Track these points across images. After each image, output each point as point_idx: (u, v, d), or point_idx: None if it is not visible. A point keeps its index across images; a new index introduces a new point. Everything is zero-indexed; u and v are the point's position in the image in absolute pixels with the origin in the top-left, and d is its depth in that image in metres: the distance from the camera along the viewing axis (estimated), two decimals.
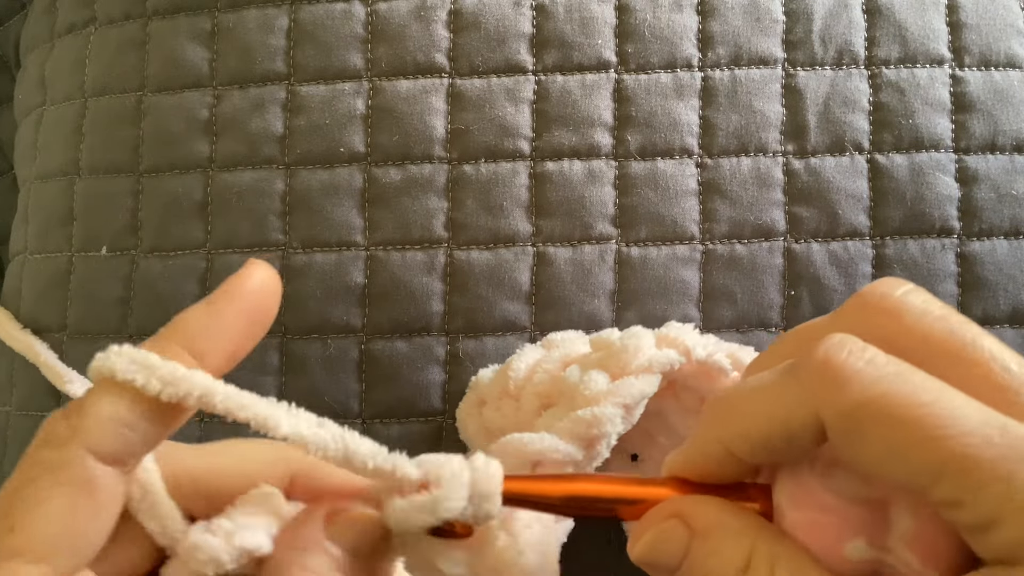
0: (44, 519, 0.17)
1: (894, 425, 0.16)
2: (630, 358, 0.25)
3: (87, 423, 0.17)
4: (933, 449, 0.15)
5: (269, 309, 0.20)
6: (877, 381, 0.16)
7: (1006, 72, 0.34)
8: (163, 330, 0.19)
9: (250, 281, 0.20)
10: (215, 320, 0.19)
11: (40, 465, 0.17)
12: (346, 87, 0.34)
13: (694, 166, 0.33)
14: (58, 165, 0.36)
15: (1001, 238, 0.33)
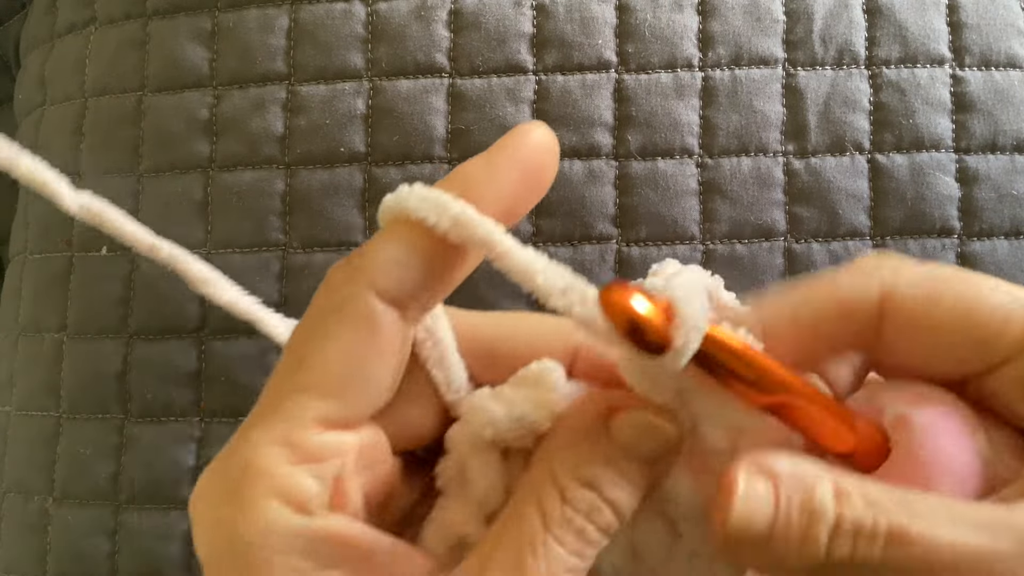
0: (332, 355, 0.17)
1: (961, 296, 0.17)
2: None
3: (367, 262, 0.17)
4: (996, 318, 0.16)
5: (548, 167, 0.19)
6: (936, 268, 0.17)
7: (1006, 72, 0.34)
8: (443, 180, 0.19)
9: (529, 137, 0.19)
10: (495, 172, 0.19)
11: (325, 307, 0.18)
12: (346, 87, 0.34)
13: (694, 166, 0.33)
14: (58, 165, 0.36)
15: (1001, 238, 0.33)
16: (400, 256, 0.17)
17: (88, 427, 0.34)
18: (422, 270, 0.18)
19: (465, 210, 0.17)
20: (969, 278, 0.18)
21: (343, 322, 0.17)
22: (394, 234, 0.18)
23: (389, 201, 0.18)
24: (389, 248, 0.18)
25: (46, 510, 0.34)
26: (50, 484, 0.34)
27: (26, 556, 0.34)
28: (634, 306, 0.16)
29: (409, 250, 0.18)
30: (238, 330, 0.33)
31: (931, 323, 0.17)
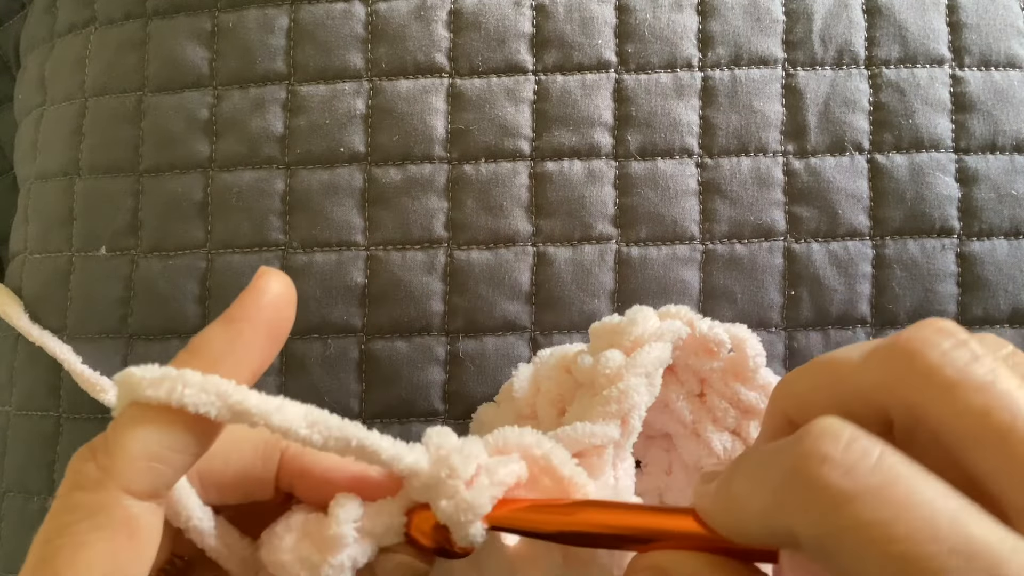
0: (87, 567, 0.16)
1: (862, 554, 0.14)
2: (639, 330, 0.25)
3: (118, 463, 0.17)
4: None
5: (287, 320, 0.20)
6: (851, 501, 0.14)
7: (1006, 72, 0.34)
8: (183, 354, 0.19)
9: (266, 296, 0.19)
10: (237, 340, 0.19)
11: (77, 510, 0.17)
12: (346, 87, 0.34)
13: (694, 166, 0.33)
14: (58, 165, 0.36)
15: (1001, 238, 0.33)
16: (148, 450, 0.17)
17: (88, 427, 0.34)
18: (172, 459, 0.17)
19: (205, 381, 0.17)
20: None
21: (98, 529, 0.17)
22: (139, 423, 0.17)
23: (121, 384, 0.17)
24: (136, 443, 0.17)
25: (46, 510, 0.34)
26: (50, 484, 0.34)
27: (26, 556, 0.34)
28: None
29: (157, 440, 0.17)
30: None
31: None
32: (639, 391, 0.24)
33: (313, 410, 0.18)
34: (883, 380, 0.15)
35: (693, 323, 0.26)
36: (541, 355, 0.30)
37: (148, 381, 0.17)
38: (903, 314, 0.32)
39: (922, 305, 0.33)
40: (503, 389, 0.30)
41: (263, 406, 0.18)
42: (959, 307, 0.33)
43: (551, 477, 0.20)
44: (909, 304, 0.33)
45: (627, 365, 0.24)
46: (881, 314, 0.33)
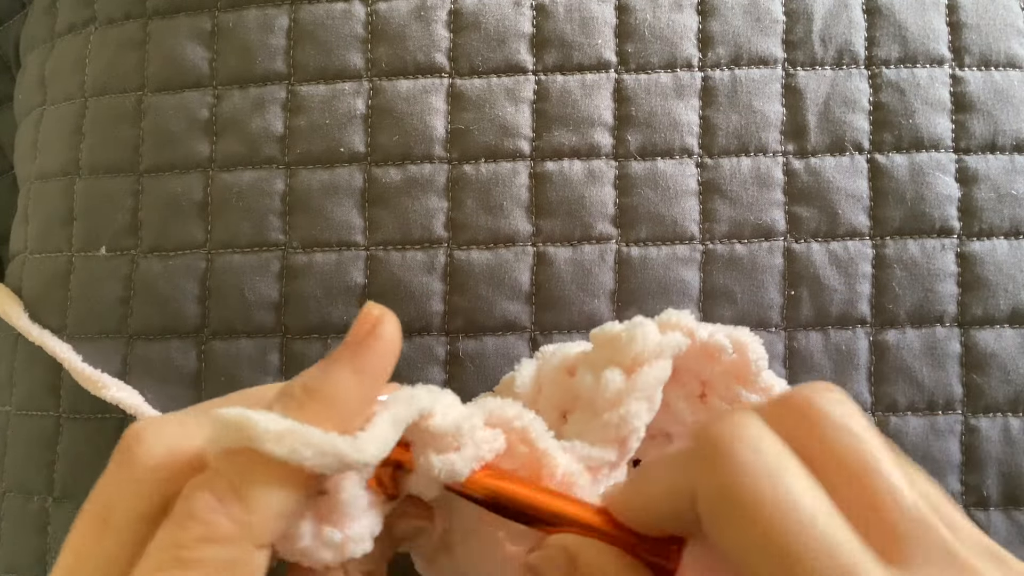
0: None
1: (755, 520, 0.16)
2: (639, 347, 0.25)
3: (258, 522, 0.17)
4: (785, 562, 0.15)
5: (396, 358, 0.21)
6: (756, 473, 0.16)
7: (1006, 72, 0.34)
8: (308, 399, 0.19)
9: (391, 345, 0.20)
10: (370, 397, 0.20)
11: (211, 565, 0.17)
12: (346, 87, 0.34)
13: (694, 166, 0.33)
14: (58, 165, 0.36)
15: (1001, 238, 0.33)
16: (283, 508, 0.18)
17: (88, 427, 0.34)
18: (299, 513, 0.18)
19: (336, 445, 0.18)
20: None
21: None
22: (278, 484, 0.18)
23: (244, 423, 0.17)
24: (276, 503, 0.17)
25: (46, 510, 0.34)
26: (50, 484, 0.34)
27: (26, 556, 0.34)
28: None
29: (294, 501, 0.18)
30: (238, 330, 0.33)
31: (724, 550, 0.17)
32: (640, 416, 0.24)
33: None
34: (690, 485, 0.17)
35: (693, 333, 0.26)
36: (544, 351, 0.29)
37: (273, 435, 0.17)
38: (903, 314, 0.32)
39: (922, 305, 0.33)
40: (503, 381, 0.30)
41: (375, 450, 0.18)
42: (959, 307, 0.33)
43: (528, 447, 0.22)
44: (909, 304, 0.33)
45: (627, 389, 0.24)
46: (881, 314, 0.33)
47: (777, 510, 0.16)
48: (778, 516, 0.16)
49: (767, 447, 0.16)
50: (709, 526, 0.17)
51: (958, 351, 0.32)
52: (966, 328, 0.33)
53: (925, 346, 0.32)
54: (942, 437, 0.32)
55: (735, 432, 0.17)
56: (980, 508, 0.32)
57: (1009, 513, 0.32)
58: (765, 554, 0.15)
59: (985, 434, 0.32)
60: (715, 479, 0.16)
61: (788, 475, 0.16)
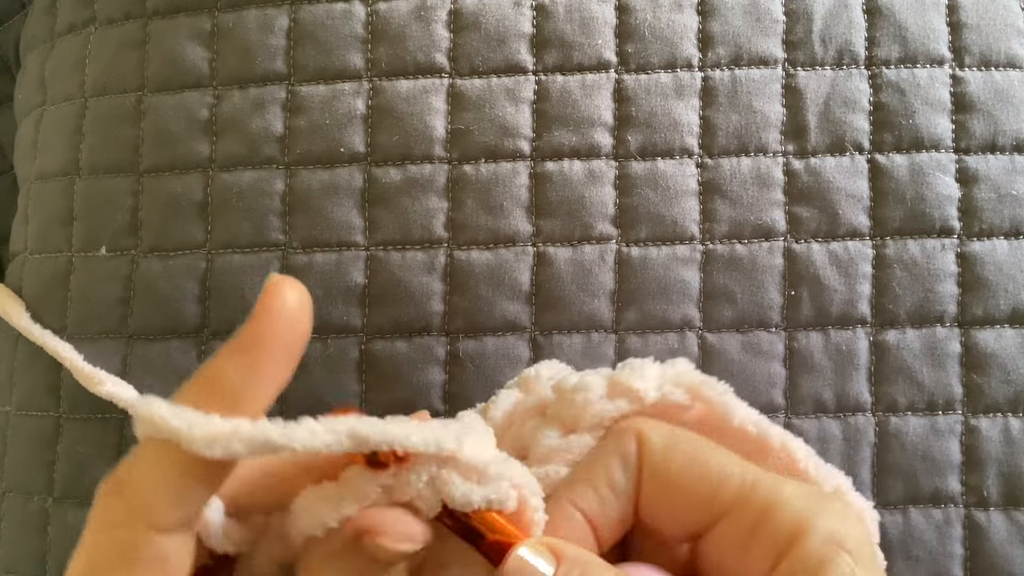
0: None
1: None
2: (579, 412, 0.24)
3: (145, 501, 0.17)
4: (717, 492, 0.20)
5: (303, 334, 0.19)
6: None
7: (1006, 72, 0.34)
8: (195, 391, 0.18)
9: (279, 315, 0.19)
10: (252, 374, 0.18)
11: (107, 549, 0.17)
12: (346, 87, 0.34)
13: (694, 166, 0.33)
14: (58, 165, 0.36)
15: (1001, 238, 0.33)
16: (177, 486, 0.17)
17: (88, 427, 0.34)
18: (199, 492, 0.18)
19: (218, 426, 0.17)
20: (702, 441, 0.21)
21: (131, 568, 0.17)
22: (165, 461, 0.17)
23: (146, 416, 0.17)
24: (161, 480, 0.17)
25: (46, 510, 0.34)
26: (50, 484, 0.34)
27: (26, 556, 0.34)
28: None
29: (184, 477, 0.17)
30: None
31: (668, 472, 0.21)
32: (560, 474, 0.24)
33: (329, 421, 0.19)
34: None
35: (642, 400, 0.25)
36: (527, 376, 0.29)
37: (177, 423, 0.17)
38: (903, 314, 0.32)
39: (922, 305, 0.33)
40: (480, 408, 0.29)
41: (288, 435, 0.18)
42: (959, 307, 0.33)
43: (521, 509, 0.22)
44: (909, 304, 0.33)
45: (558, 449, 0.24)
46: (881, 314, 0.33)
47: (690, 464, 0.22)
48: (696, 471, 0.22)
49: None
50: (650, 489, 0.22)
51: (958, 351, 0.32)
52: (966, 328, 0.33)
53: (925, 346, 0.32)
54: (942, 437, 0.32)
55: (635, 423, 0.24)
56: (980, 508, 0.32)
57: (1009, 513, 0.32)
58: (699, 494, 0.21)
59: (985, 434, 0.32)
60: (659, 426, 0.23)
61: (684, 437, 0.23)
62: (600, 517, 0.22)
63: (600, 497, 0.21)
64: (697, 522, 0.21)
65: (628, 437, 0.22)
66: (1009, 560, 0.31)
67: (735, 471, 0.21)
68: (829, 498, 0.20)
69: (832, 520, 0.19)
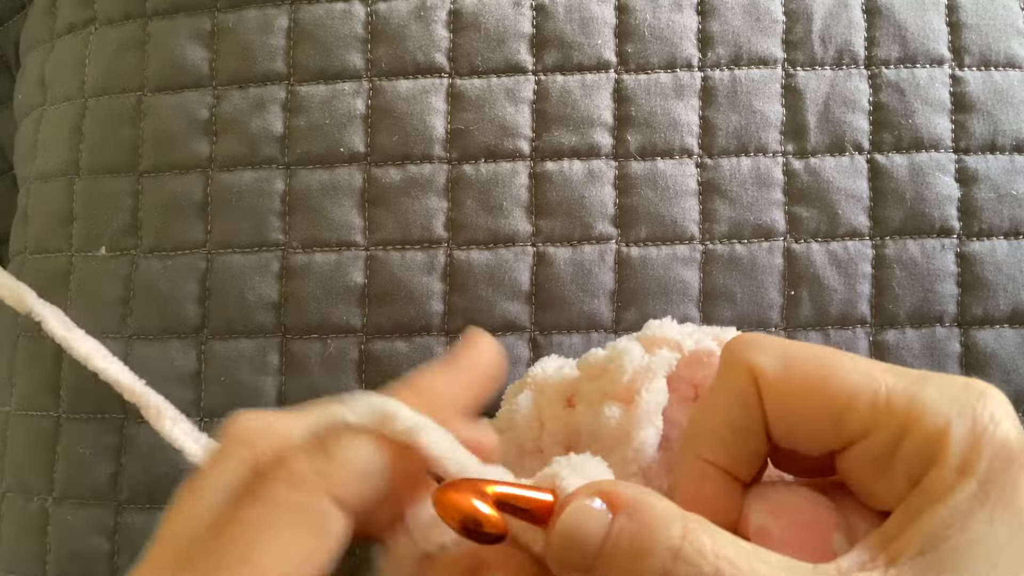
0: (280, 559, 0.17)
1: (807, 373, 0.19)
2: (629, 375, 0.24)
3: (336, 470, 0.18)
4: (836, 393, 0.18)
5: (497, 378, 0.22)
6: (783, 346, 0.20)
7: (1006, 72, 0.34)
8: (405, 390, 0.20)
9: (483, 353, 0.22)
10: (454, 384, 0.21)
11: (282, 505, 0.18)
12: (346, 87, 0.34)
13: (694, 166, 0.33)
14: (58, 165, 0.36)
15: (1001, 238, 0.33)
16: (365, 468, 0.18)
17: (88, 427, 0.34)
18: (380, 482, 0.19)
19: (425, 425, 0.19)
20: (822, 354, 0.20)
21: (300, 530, 0.18)
22: (358, 444, 0.18)
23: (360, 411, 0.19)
24: (354, 458, 0.18)
25: (46, 510, 0.34)
26: (50, 484, 0.34)
27: (26, 556, 0.34)
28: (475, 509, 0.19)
29: (374, 462, 0.18)
30: (238, 330, 0.33)
31: (790, 399, 0.19)
32: (651, 444, 0.24)
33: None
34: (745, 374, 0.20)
35: (680, 346, 0.26)
36: (534, 377, 0.29)
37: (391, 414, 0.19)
38: (903, 314, 0.32)
39: (922, 305, 0.33)
40: (500, 415, 0.29)
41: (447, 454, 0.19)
42: (959, 307, 0.33)
43: None
44: (909, 304, 0.33)
45: (629, 420, 0.24)
46: (881, 314, 0.33)
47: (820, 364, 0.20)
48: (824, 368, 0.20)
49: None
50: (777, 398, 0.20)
51: (958, 351, 0.32)
52: (966, 328, 0.33)
53: (925, 346, 0.32)
54: None
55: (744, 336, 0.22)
56: None
57: None
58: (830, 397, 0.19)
59: None
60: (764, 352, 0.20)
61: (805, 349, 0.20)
62: (733, 462, 0.20)
63: (726, 444, 0.20)
64: (833, 443, 0.19)
65: (739, 371, 0.20)
66: None
67: (863, 387, 0.18)
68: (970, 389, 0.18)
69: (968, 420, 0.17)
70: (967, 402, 0.18)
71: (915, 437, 0.18)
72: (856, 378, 0.18)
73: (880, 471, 0.18)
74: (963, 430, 0.17)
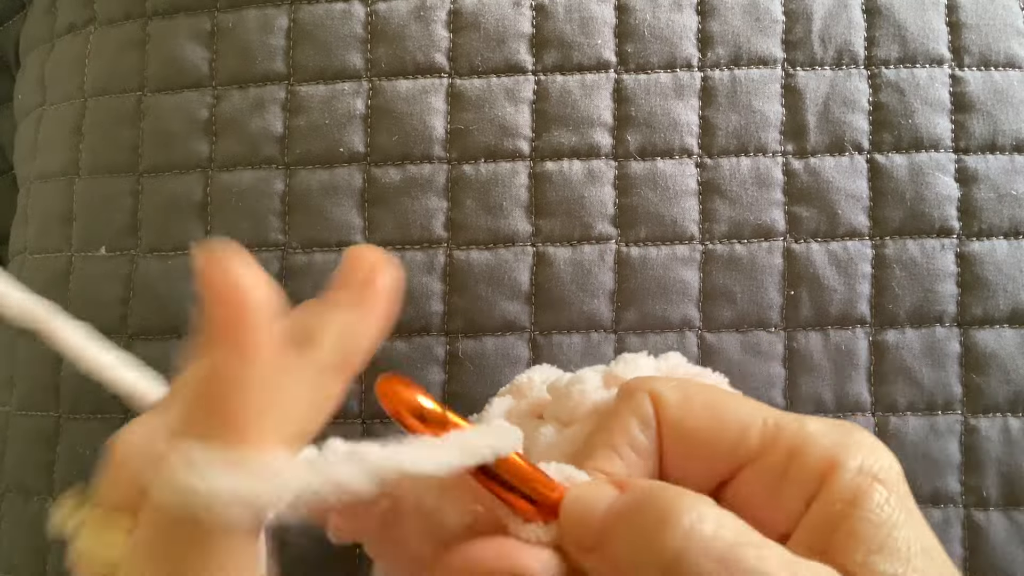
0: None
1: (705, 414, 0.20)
2: (576, 405, 0.24)
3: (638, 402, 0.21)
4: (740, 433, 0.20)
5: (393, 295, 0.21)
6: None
7: (1006, 72, 0.34)
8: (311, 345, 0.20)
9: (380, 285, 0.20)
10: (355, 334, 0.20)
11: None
12: (346, 87, 0.34)
13: (694, 166, 0.33)
14: (58, 165, 0.36)
15: (1001, 238, 0.33)
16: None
17: (88, 427, 0.34)
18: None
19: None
20: (716, 390, 0.21)
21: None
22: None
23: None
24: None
25: (46, 510, 0.34)
26: (50, 484, 0.34)
27: (26, 556, 0.34)
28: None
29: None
30: None
31: (687, 423, 0.20)
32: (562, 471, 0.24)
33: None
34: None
35: None
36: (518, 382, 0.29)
37: None
38: (903, 314, 0.32)
39: (922, 305, 0.33)
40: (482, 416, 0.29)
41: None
42: (959, 307, 0.33)
43: None
44: (909, 304, 0.33)
45: (556, 444, 0.24)
46: (881, 314, 0.33)
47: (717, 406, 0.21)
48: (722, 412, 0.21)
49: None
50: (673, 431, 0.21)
51: (958, 351, 0.32)
52: (966, 328, 0.33)
53: (925, 346, 0.32)
54: (942, 437, 0.32)
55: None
56: (980, 508, 0.32)
57: (1009, 513, 0.32)
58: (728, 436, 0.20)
59: (985, 434, 0.32)
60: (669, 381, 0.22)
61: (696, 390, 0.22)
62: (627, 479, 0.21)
63: (624, 459, 0.21)
64: (724, 471, 0.20)
65: (641, 396, 0.21)
66: (1009, 560, 0.31)
67: (756, 416, 0.20)
68: (856, 430, 0.20)
69: (862, 452, 0.19)
70: (849, 427, 0.20)
71: (806, 457, 0.19)
72: (748, 408, 0.20)
73: (772, 493, 0.19)
74: (852, 446, 0.19)
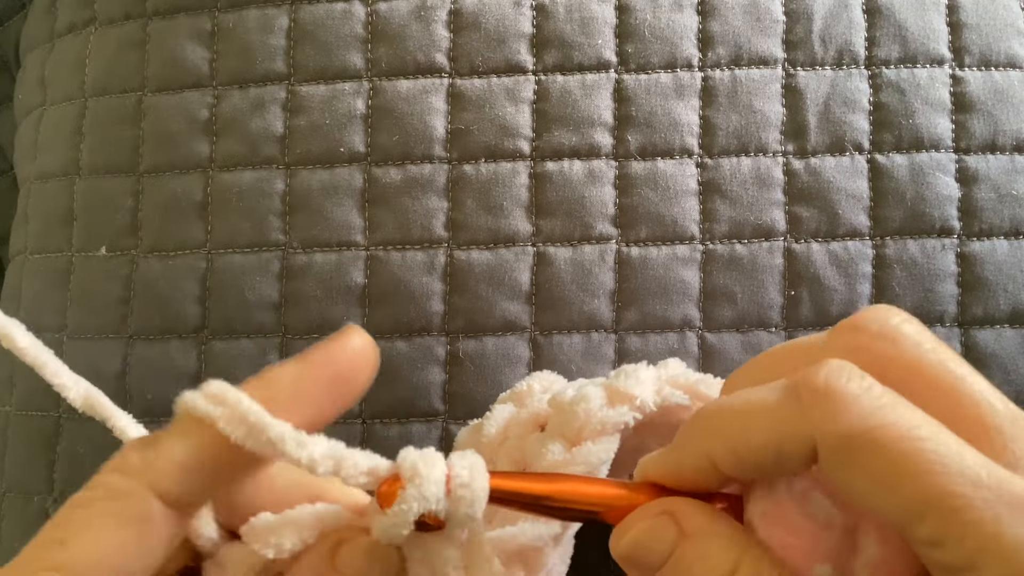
0: (92, 544, 0.17)
1: (887, 457, 0.16)
2: (582, 424, 0.24)
3: (159, 462, 0.17)
4: (922, 486, 0.15)
5: (360, 381, 0.19)
6: (874, 411, 0.16)
7: (1006, 72, 0.34)
8: (252, 380, 0.19)
9: (343, 349, 0.19)
10: (301, 380, 0.19)
11: (104, 487, 0.17)
12: (346, 87, 0.34)
13: (694, 166, 0.33)
14: (58, 165, 0.36)
15: (1001, 238, 0.33)
16: (190, 460, 0.18)
17: (88, 427, 0.34)
18: (208, 476, 0.18)
19: (260, 417, 0.17)
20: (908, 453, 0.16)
21: (114, 515, 0.17)
22: (191, 434, 0.18)
23: (188, 396, 0.18)
24: (180, 449, 0.18)
25: (46, 510, 0.34)
26: (50, 484, 0.34)
27: None
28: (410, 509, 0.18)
29: (198, 455, 0.18)
30: (238, 330, 0.33)
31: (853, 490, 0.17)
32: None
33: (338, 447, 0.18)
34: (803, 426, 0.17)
35: (643, 406, 0.25)
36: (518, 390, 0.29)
37: (203, 405, 0.18)
38: None
39: (922, 305, 0.33)
40: (473, 424, 0.29)
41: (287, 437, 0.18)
42: (959, 307, 0.33)
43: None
44: (909, 304, 0.33)
45: (565, 463, 0.24)
46: None
47: (911, 446, 0.15)
48: (913, 451, 0.15)
49: (873, 384, 0.16)
50: (834, 470, 0.16)
51: (958, 351, 0.32)
52: (966, 328, 0.33)
53: None
54: None
55: (840, 375, 0.17)
56: None
57: None
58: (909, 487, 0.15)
59: None
60: (839, 424, 0.16)
61: (904, 408, 0.16)
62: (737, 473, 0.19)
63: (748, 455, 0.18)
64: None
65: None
66: None
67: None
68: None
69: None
70: None
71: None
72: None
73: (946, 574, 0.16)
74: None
